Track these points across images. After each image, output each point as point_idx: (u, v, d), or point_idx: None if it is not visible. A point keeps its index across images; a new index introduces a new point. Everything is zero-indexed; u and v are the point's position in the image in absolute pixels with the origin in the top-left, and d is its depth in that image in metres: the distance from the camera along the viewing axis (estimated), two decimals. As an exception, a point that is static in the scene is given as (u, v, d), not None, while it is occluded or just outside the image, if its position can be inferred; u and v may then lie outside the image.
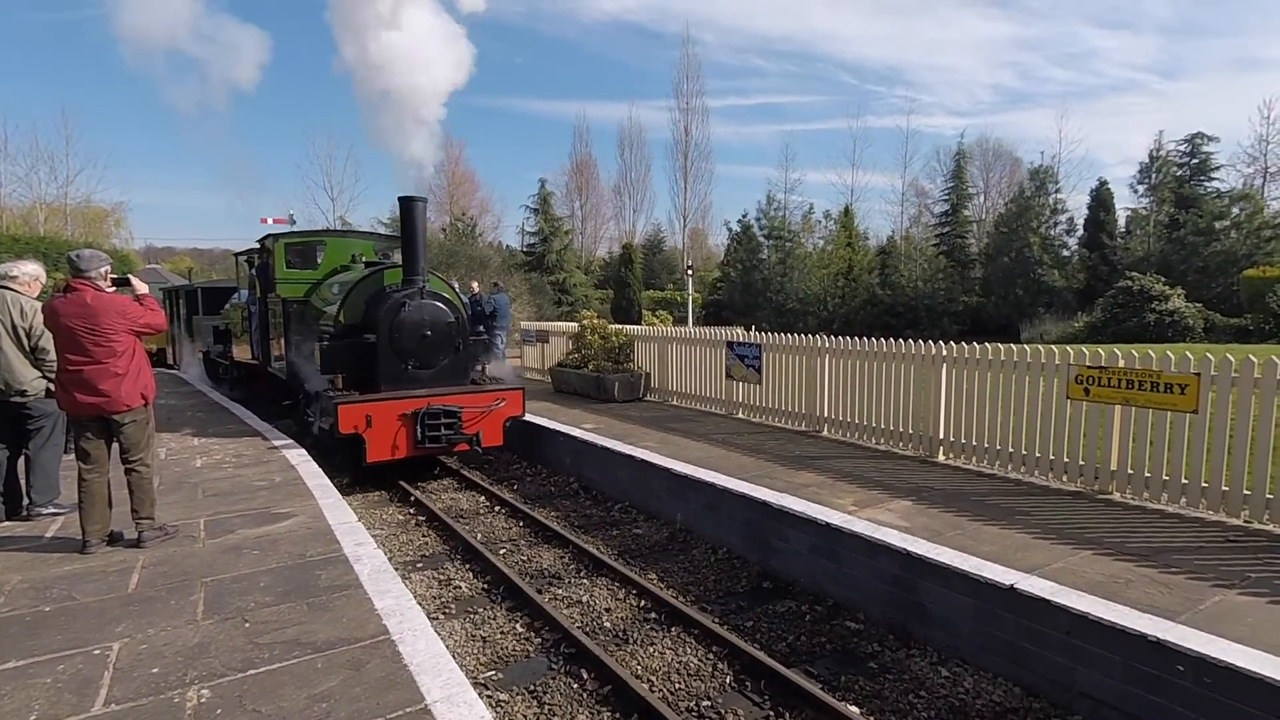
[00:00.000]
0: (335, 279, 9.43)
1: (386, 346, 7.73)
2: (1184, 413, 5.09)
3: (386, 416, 7.48)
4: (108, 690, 2.96)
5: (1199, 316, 26.11)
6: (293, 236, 10.28)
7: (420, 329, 7.87)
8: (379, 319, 7.75)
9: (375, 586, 3.99)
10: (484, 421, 8.03)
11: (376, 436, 7.44)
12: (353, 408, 7.30)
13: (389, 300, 7.84)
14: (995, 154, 47.36)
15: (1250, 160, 36.69)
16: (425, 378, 8.00)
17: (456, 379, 8.26)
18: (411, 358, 7.88)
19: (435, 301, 8.05)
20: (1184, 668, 3.22)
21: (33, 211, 37.01)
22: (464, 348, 8.30)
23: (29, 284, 5.23)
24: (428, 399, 7.71)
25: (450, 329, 8.10)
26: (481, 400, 8.09)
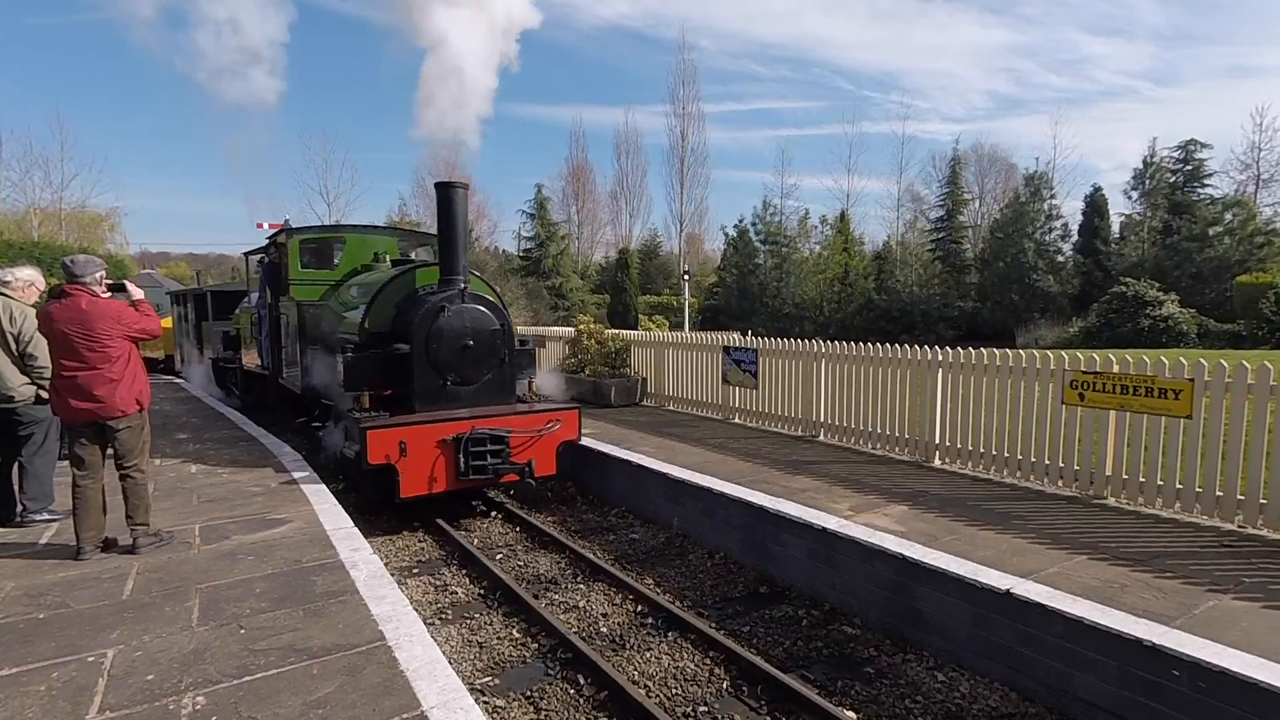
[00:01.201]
0: (356, 280, 8.51)
1: (422, 359, 6.71)
2: (1178, 418, 5.11)
3: (423, 443, 6.32)
4: (102, 697, 2.94)
5: (1193, 322, 26.25)
6: (309, 232, 9.33)
7: (461, 338, 6.83)
8: (413, 326, 6.71)
9: (371, 592, 3.98)
10: (535, 448, 6.90)
11: (412, 467, 6.27)
12: (384, 433, 6.13)
13: (424, 305, 6.78)
14: (990, 160, 47.63)
15: (1243, 167, 37.00)
16: (466, 395, 6.98)
17: (501, 396, 7.20)
18: (451, 372, 6.85)
19: (478, 306, 6.99)
20: (1179, 672, 3.23)
21: (27, 216, 36.87)
22: (510, 359, 7.21)
23: (23, 289, 5.20)
24: (471, 421, 6.56)
25: (495, 338, 7.05)
26: (533, 422, 6.93)
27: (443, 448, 6.41)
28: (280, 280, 9.06)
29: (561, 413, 7.15)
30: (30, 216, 36.95)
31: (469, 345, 6.87)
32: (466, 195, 7.12)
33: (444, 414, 6.63)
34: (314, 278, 8.91)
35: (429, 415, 6.57)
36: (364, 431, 6.03)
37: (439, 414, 6.62)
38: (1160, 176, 36.30)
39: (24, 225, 35.86)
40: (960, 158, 43.31)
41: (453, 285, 6.91)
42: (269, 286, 9.42)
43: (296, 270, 8.80)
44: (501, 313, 7.15)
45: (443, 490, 6.50)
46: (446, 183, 7.04)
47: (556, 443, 7.09)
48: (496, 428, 6.66)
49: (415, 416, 6.54)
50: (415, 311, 6.84)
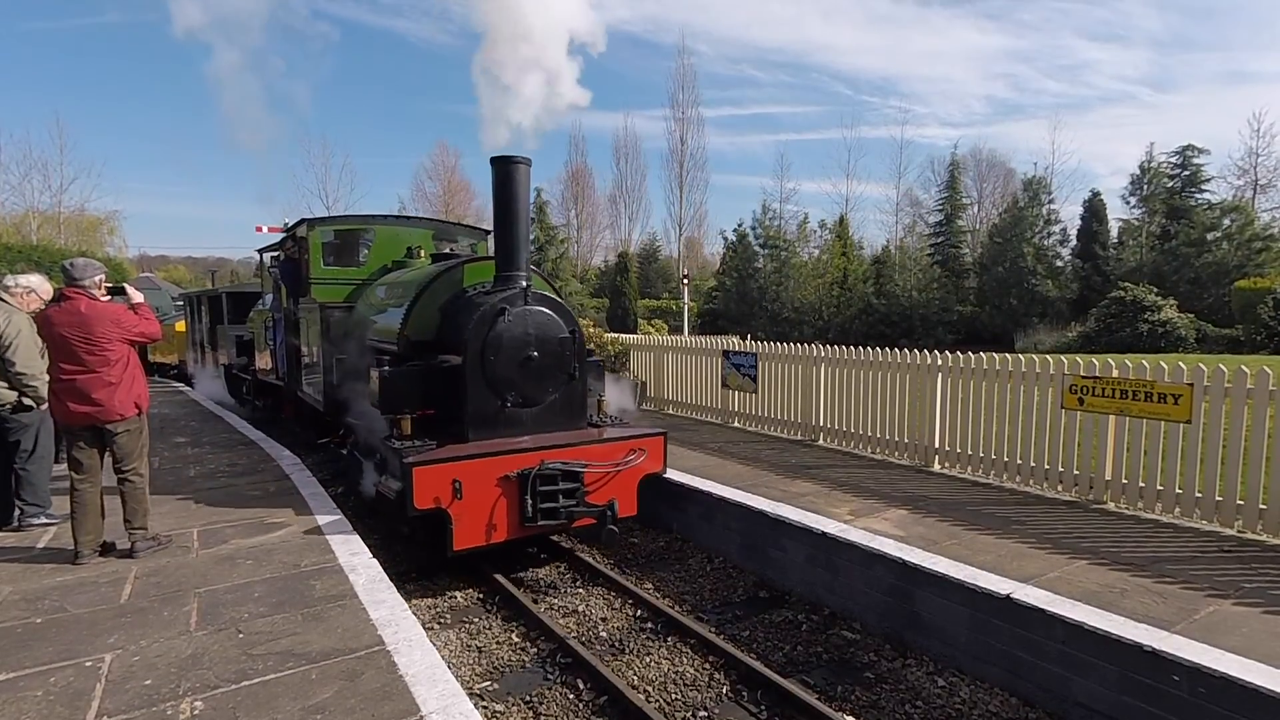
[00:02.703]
0: (389, 279, 7.45)
1: (477, 374, 5.43)
2: (1178, 423, 5.11)
3: (482, 480, 5.09)
4: (99, 702, 2.93)
5: (1191, 327, 26.26)
6: (332, 224, 8.19)
7: (523, 349, 5.56)
8: (465, 334, 5.48)
9: (370, 596, 3.97)
10: (614, 484, 5.64)
11: (468, 512, 5.04)
12: (434, 470, 4.90)
13: (478, 308, 5.55)
14: (989, 164, 47.74)
15: (1241, 172, 37.05)
16: (527, 419, 5.69)
17: (570, 419, 5.93)
18: (510, 390, 5.56)
19: (543, 309, 5.71)
20: (1179, 678, 3.22)
21: (26, 220, 36.88)
22: (580, 374, 5.95)
23: (21, 295, 5.19)
24: (539, 453, 5.32)
25: (563, 348, 5.77)
26: (612, 453, 5.69)
27: (504, 486, 5.18)
28: (300, 279, 7.96)
29: (645, 440, 5.90)
30: (29, 220, 36.97)
31: (532, 357, 5.59)
32: (529, 173, 5.77)
33: (504, 443, 5.41)
34: (338, 276, 7.81)
35: (486, 445, 5.34)
36: (409, 468, 4.79)
37: (498, 443, 5.40)
38: (1158, 181, 36.35)
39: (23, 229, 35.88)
40: (959, 162, 43.35)
41: (512, 283, 5.65)
42: (287, 286, 8.42)
43: (319, 267, 7.69)
44: (570, 316, 5.91)
45: (503, 540, 5.29)
46: (505, 157, 5.67)
47: (639, 477, 5.85)
48: (570, 460, 5.42)
49: (469, 447, 5.29)
50: (467, 316, 5.63)
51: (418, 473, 4.84)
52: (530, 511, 5.19)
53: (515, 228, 5.72)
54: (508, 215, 5.72)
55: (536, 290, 5.76)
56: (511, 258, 5.73)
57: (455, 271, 6.29)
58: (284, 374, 8.89)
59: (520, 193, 5.70)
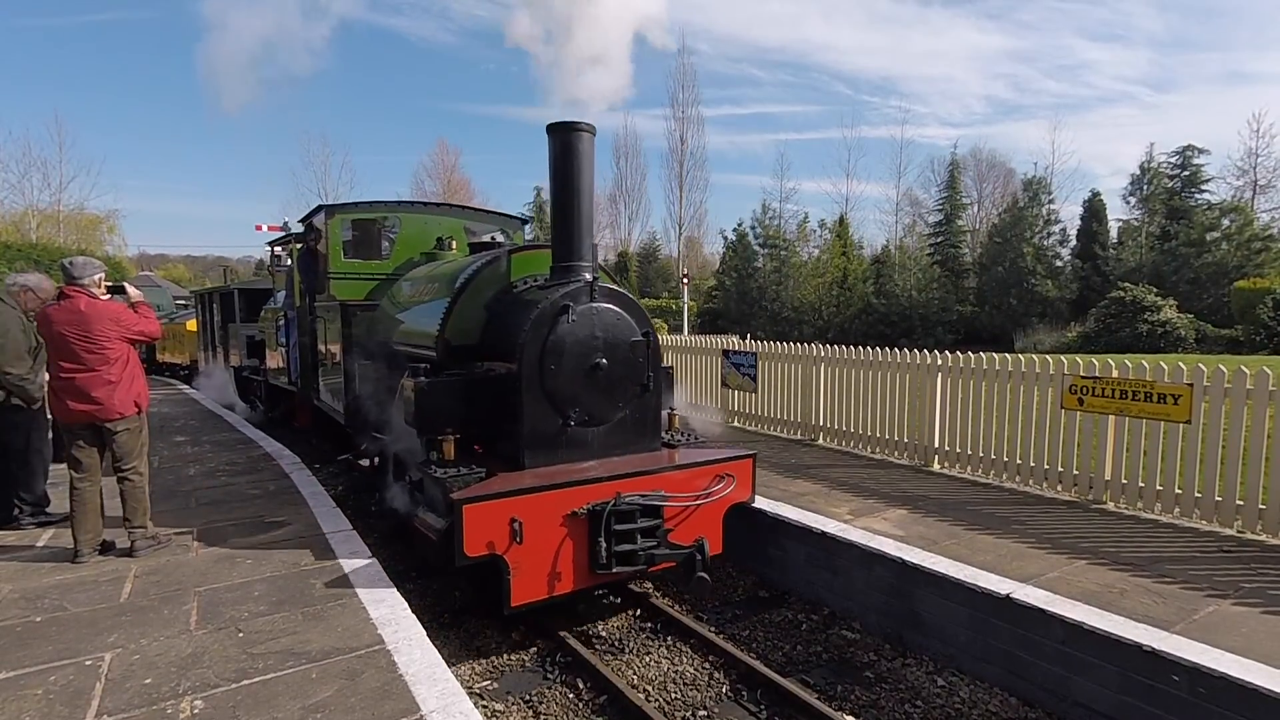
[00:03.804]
0: (418, 273, 6.62)
1: (535, 386, 4.50)
2: (1177, 423, 5.12)
3: (546, 519, 4.19)
4: (99, 701, 2.93)
5: (1191, 327, 26.29)
6: (353, 211, 7.28)
7: (590, 355, 4.64)
8: (519, 338, 4.50)
9: (370, 596, 3.97)
10: (697, 518, 4.75)
11: (529, 558, 4.15)
12: (489, 507, 4.00)
13: (534, 306, 4.63)
14: (989, 164, 47.74)
15: (1240, 173, 37.05)
16: (594, 440, 4.77)
17: (642, 439, 4.97)
18: (574, 406, 4.63)
19: (612, 306, 4.78)
20: (1179, 678, 3.22)
21: (25, 218, 36.83)
22: (655, 384, 4.99)
23: (19, 294, 5.19)
24: (613, 483, 4.42)
25: (636, 354, 4.84)
26: (695, 480, 4.78)
27: (571, 526, 4.28)
28: (316, 273, 7.20)
29: (731, 464, 4.97)
30: (28, 218, 36.92)
31: (600, 365, 4.66)
32: (593, 143, 4.84)
33: (569, 471, 4.50)
34: (360, 270, 7.01)
35: (548, 474, 4.43)
36: (458, 506, 3.90)
37: (562, 471, 4.49)
38: (1158, 182, 36.40)
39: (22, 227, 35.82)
40: (958, 162, 43.43)
41: (573, 276, 4.72)
42: (305, 281, 7.61)
43: (338, 260, 6.87)
44: (643, 315, 4.96)
45: (568, 591, 4.36)
46: (565, 123, 4.72)
47: (725, 508, 4.94)
48: (648, 492, 4.51)
49: (527, 476, 4.38)
50: (520, 316, 4.72)
51: (469, 512, 3.92)
52: (604, 556, 4.27)
53: (577, 209, 4.78)
54: (568, 194, 4.76)
55: (603, 284, 4.78)
56: (572, 245, 4.77)
57: (501, 263, 5.32)
58: (296, 378, 8.21)
59: (583, 166, 4.78)
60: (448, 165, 48.68)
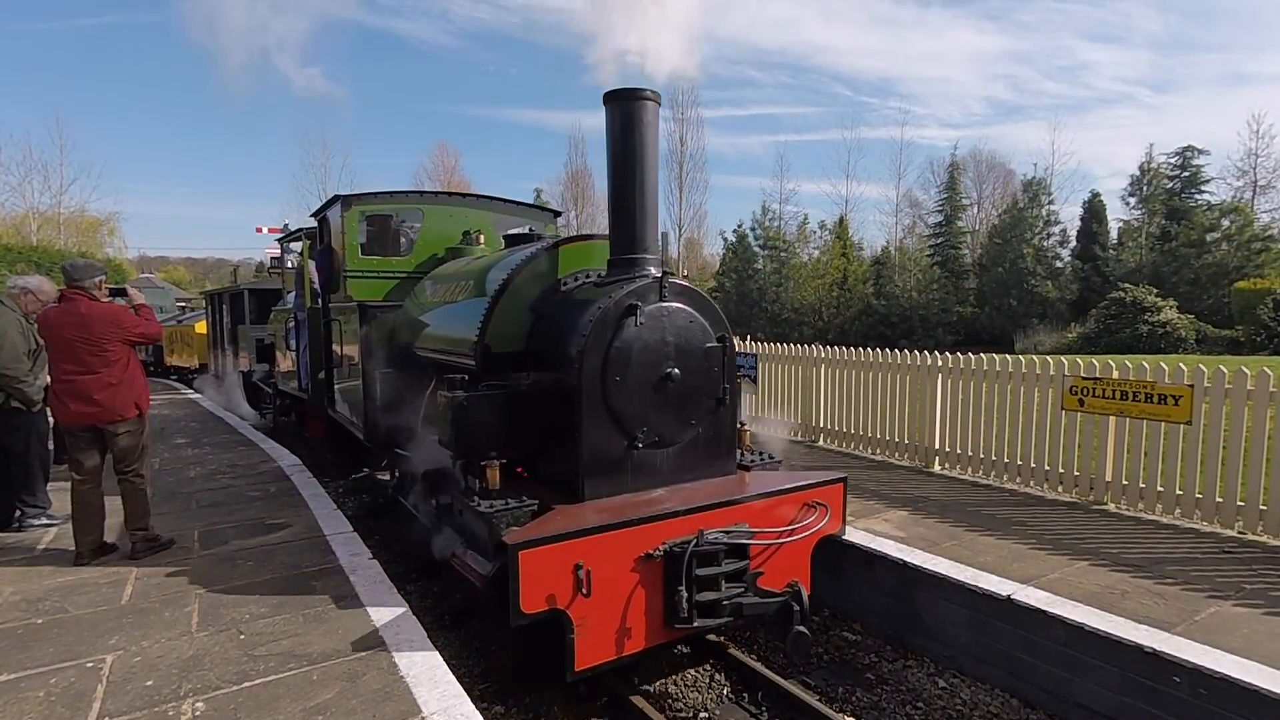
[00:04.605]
0: (446, 270, 5.97)
1: (596, 401, 3.80)
2: (1178, 424, 5.12)
3: (615, 563, 3.48)
4: (101, 704, 2.93)
5: (1191, 328, 26.31)
6: (373, 202, 6.52)
7: (660, 364, 3.95)
8: (576, 344, 3.82)
9: (371, 597, 3.97)
10: (783, 556, 4.02)
11: (596, 611, 3.42)
12: (549, 552, 3.28)
13: (590, 306, 3.96)
14: (988, 165, 47.73)
15: (1240, 173, 37.05)
16: (663, 464, 4.09)
17: (717, 461, 4.30)
18: (642, 425, 3.94)
19: (684, 306, 4.08)
20: (1180, 679, 3.22)
21: (26, 221, 36.86)
22: (732, 398, 4.30)
23: (18, 296, 5.19)
24: (693, 517, 3.69)
25: (711, 362, 4.16)
26: (782, 510, 4.06)
27: (644, 570, 3.56)
28: (332, 271, 6.59)
29: (822, 490, 4.23)
30: (29, 221, 36.95)
31: (672, 376, 3.96)
32: (658, 114, 4.11)
33: (639, 503, 3.82)
34: (380, 268, 6.40)
35: (615, 507, 3.73)
36: (513, 552, 3.19)
37: (629, 503, 3.83)
38: (1158, 182, 36.43)
39: (23, 229, 35.85)
40: (958, 163, 43.45)
41: (637, 270, 4.03)
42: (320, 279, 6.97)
43: (355, 257, 6.26)
44: (718, 316, 4.27)
45: (640, 650, 3.61)
46: (627, 90, 4.00)
47: (814, 542, 4.17)
48: (732, 527, 3.79)
49: (590, 510, 3.67)
50: (575, 318, 4.03)
51: (526, 560, 3.19)
52: (684, 607, 3.50)
53: (640, 190, 4.05)
54: (630, 173, 4.04)
55: (673, 279, 4.07)
56: (635, 234, 4.08)
57: (547, 256, 4.56)
58: (307, 385, 7.57)
59: (648, 139, 4.05)
60: (448, 167, 48.71)
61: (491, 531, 3.55)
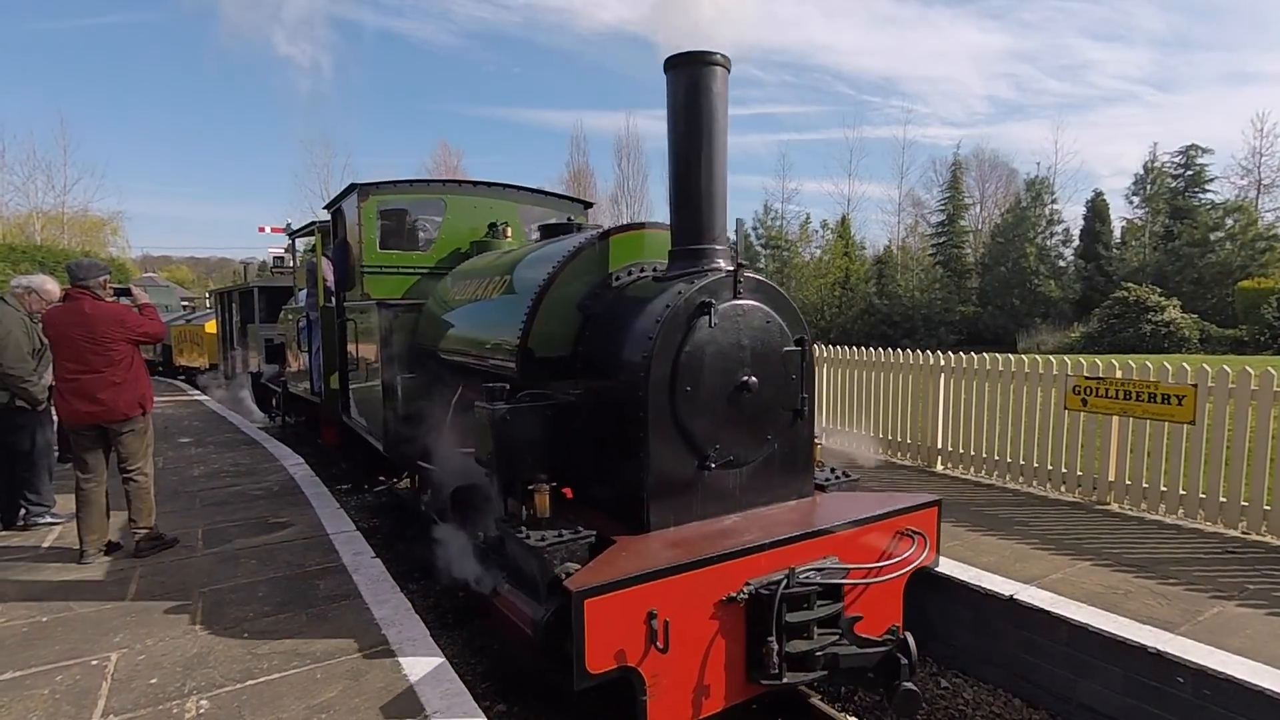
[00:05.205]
0: (473, 265, 5.47)
1: (664, 415, 3.27)
2: (1181, 424, 5.11)
3: (691, 609, 2.95)
4: (105, 701, 2.94)
5: (1195, 327, 26.24)
6: (392, 192, 6.04)
7: (735, 371, 3.43)
8: (639, 348, 3.31)
9: (374, 596, 3.98)
10: (877, 594, 3.52)
11: (671, 669, 2.91)
12: (620, 599, 2.75)
13: (647, 304, 3.47)
14: (991, 165, 47.64)
15: (1244, 172, 36.95)
16: (736, 487, 3.55)
17: (793, 482, 3.77)
18: (715, 443, 3.40)
19: (759, 304, 3.54)
20: (1184, 679, 3.22)
21: (30, 220, 36.97)
22: (810, 409, 3.78)
23: (22, 295, 5.21)
24: (778, 551, 3.18)
25: (789, 368, 3.64)
26: (873, 539, 3.57)
27: (724, 616, 3.04)
28: (347, 268, 6.12)
29: (916, 515, 3.74)
30: (33, 220, 37.05)
31: (748, 385, 3.43)
32: (727, 84, 3.56)
33: (713, 534, 3.29)
34: (400, 263, 5.96)
35: (685, 538, 3.22)
36: (578, 600, 2.64)
37: (702, 534, 3.29)
38: (1161, 181, 36.37)
39: (27, 229, 35.96)
40: (961, 163, 43.41)
41: (706, 263, 3.50)
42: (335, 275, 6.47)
43: (373, 251, 5.79)
44: (796, 315, 3.71)
45: (720, 710, 3.11)
46: (692, 55, 3.45)
47: (907, 579, 3.63)
48: (822, 561, 3.30)
49: (658, 543, 3.16)
50: (633, 317, 3.50)
51: (593, 610, 2.66)
52: (774, 660, 2.93)
53: (708, 171, 3.50)
54: (696, 151, 3.48)
55: (749, 274, 3.51)
56: (701, 221, 3.54)
57: (596, 248, 4.02)
58: (320, 389, 7.17)
59: (717, 111, 3.49)
60: (450, 167, 48.66)
61: (543, 569, 3.02)
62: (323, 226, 7.25)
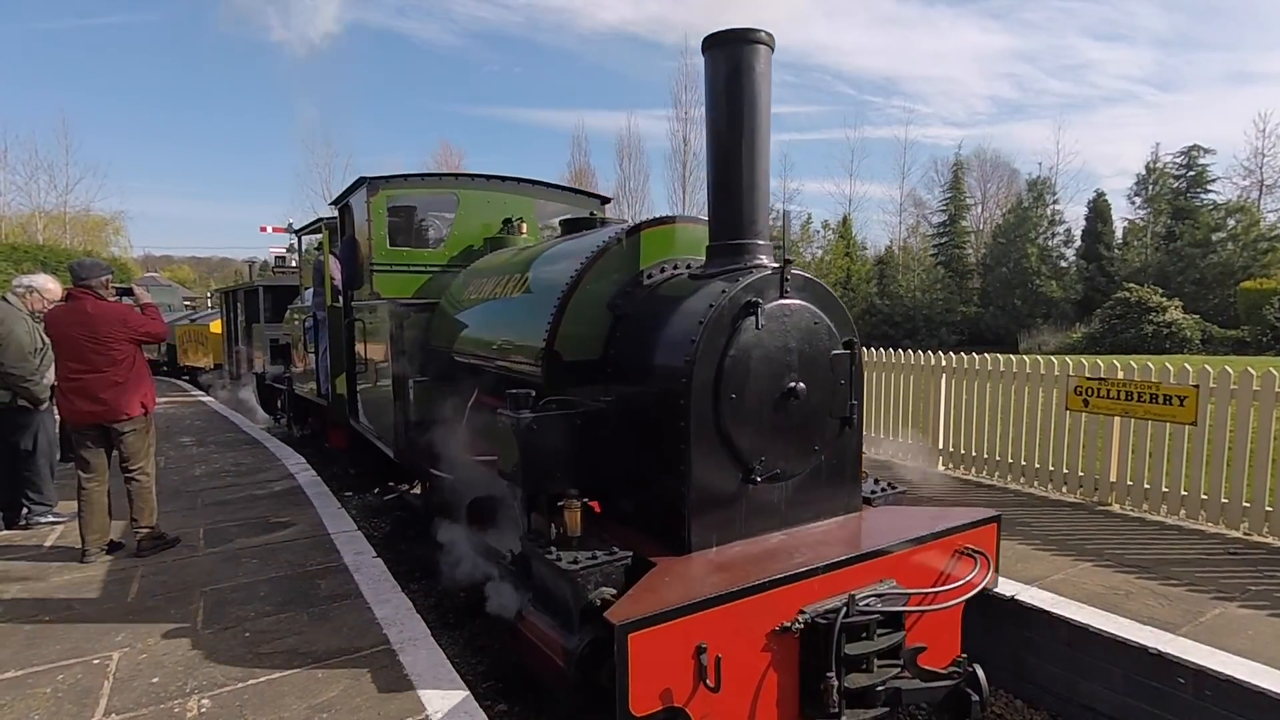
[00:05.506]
0: (490, 262, 5.19)
1: (707, 425, 3.00)
2: (1183, 424, 5.10)
3: (742, 641, 2.66)
4: (107, 700, 2.95)
5: (1196, 328, 26.22)
6: (403, 186, 5.79)
7: (781, 376, 3.16)
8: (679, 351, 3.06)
9: (375, 595, 3.99)
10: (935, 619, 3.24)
11: (721, 706, 2.61)
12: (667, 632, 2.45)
13: (686, 303, 3.24)
14: (993, 165, 47.63)
15: (1246, 173, 36.94)
16: (781, 502, 3.28)
17: (840, 496, 3.50)
18: (760, 455, 3.12)
19: (807, 304, 3.25)
20: (1185, 680, 3.22)
21: (32, 220, 37.03)
22: (859, 418, 3.53)
23: (23, 295, 5.22)
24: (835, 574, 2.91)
25: (838, 373, 3.36)
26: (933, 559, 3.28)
27: (776, 648, 2.75)
28: (356, 265, 5.91)
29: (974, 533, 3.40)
30: (35, 220, 37.12)
31: (795, 392, 3.15)
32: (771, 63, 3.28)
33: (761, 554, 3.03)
34: (411, 261, 5.70)
35: (731, 561, 2.96)
36: (622, 635, 2.37)
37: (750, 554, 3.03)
38: (1163, 182, 36.38)
39: (29, 229, 36.02)
40: (962, 163, 43.46)
41: (745, 259, 3.25)
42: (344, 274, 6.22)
43: (383, 248, 5.55)
44: (845, 315, 3.43)
45: None
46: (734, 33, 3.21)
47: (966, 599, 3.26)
48: (879, 585, 3.00)
49: (698, 565, 2.93)
50: (667, 317, 3.29)
51: (638, 645, 2.38)
52: (834, 698, 2.66)
53: (750, 160, 3.24)
54: (737, 137, 3.22)
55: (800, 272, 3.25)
56: (742, 214, 3.28)
57: (626, 244, 3.75)
58: (327, 392, 6.92)
59: (760, 94, 3.22)
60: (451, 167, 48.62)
61: (577, 595, 2.76)
62: (329, 223, 7.10)
